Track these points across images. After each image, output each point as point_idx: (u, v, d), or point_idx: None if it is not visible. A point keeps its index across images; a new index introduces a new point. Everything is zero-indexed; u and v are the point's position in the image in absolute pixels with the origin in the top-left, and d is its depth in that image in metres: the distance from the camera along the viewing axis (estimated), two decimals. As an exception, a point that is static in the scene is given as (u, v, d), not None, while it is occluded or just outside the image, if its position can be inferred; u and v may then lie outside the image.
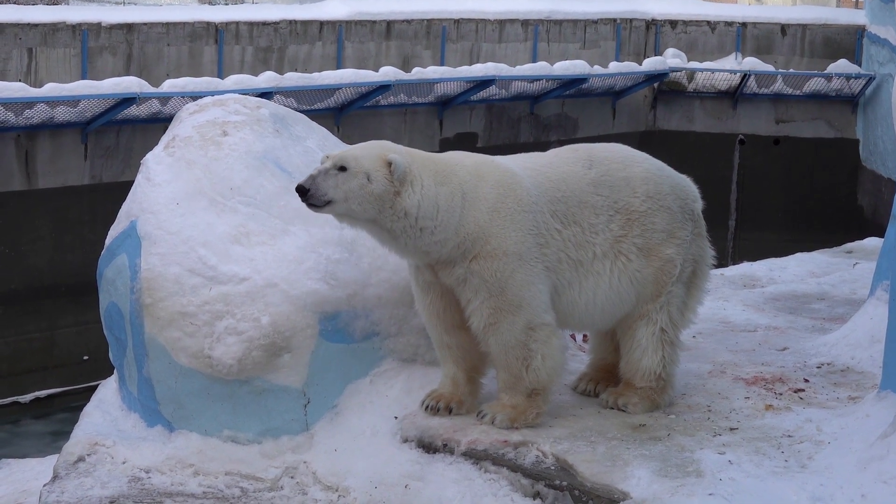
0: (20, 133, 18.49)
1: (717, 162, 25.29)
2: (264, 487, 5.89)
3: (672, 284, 6.01)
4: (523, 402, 5.79)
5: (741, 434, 5.72)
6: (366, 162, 5.57)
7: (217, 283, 6.07)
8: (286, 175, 6.44)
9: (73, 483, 5.84)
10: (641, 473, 5.29)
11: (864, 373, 6.63)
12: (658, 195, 6.00)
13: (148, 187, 6.38)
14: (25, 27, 19.61)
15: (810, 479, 5.19)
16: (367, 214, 5.58)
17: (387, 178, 5.55)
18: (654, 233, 5.97)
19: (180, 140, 6.53)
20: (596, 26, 27.00)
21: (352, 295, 6.18)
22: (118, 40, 20.69)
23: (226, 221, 6.23)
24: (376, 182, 5.54)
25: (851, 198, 25.77)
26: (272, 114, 6.76)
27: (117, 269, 6.30)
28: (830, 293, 8.71)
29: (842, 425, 5.69)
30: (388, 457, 5.84)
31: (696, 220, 6.18)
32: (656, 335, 5.99)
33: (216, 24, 21.86)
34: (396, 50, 24.27)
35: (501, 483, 5.53)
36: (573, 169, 5.93)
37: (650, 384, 5.99)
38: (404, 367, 6.28)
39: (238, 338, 6.00)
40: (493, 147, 23.86)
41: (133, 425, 6.24)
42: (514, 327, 5.68)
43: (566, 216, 5.82)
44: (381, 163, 5.57)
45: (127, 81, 18.63)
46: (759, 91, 25.82)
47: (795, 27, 27.24)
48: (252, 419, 6.07)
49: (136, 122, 19.34)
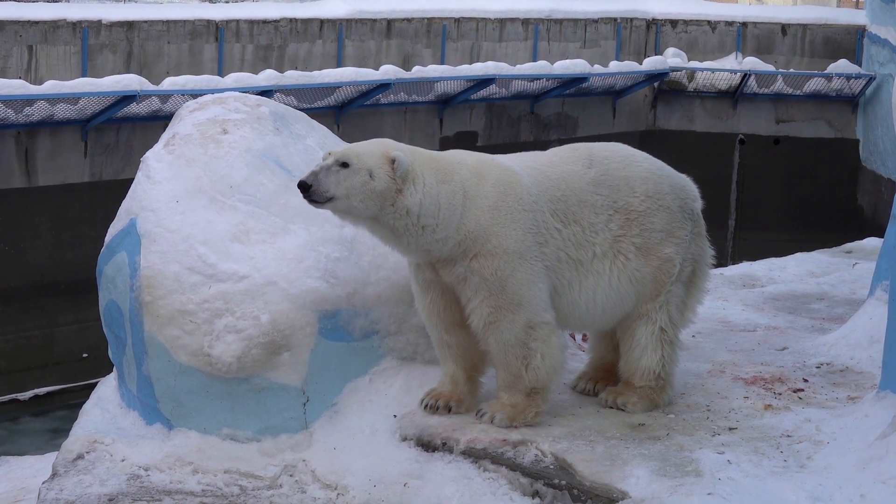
0: (20, 130, 18.48)
1: (717, 161, 25.29)
2: (263, 485, 5.89)
3: (671, 284, 6.01)
4: (522, 400, 5.79)
5: (740, 434, 5.72)
6: (368, 159, 5.57)
7: (217, 281, 6.06)
8: (286, 173, 6.44)
9: (72, 480, 5.84)
10: (640, 473, 5.29)
11: (863, 373, 6.63)
12: (657, 195, 6.00)
13: (148, 185, 6.38)
14: (26, 24, 19.60)
15: (809, 479, 5.19)
16: (369, 212, 5.57)
17: (389, 175, 5.54)
18: (653, 232, 5.97)
19: (180, 138, 6.53)
20: (596, 25, 27.00)
21: (351, 293, 6.18)
22: (118, 38, 20.69)
23: (225, 219, 6.23)
24: (378, 179, 5.53)
25: (851, 198, 25.77)
26: (272, 112, 6.76)
27: (117, 267, 6.30)
28: (830, 293, 8.71)
29: (841, 425, 5.69)
30: (387, 455, 5.84)
31: (696, 220, 6.18)
32: (655, 334, 5.99)
33: (216, 22, 21.85)
34: (397, 48, 24.26)
35: (500, 482, 5.53)
36: (573, 168, 5.93)
37: (649, 383, 5.99)
38: (404, 365, 6.29)
39: (237, 336, 6.00)
40: (493, 146, 23.86)
41: (132, 423, 6.23)
42: (513, 326, 5.67)
43: (566, 215, 5.82)
44: (383, 160, 5.57)
45: (127, 79, 18.62)
46: (759, 91, 25.82)
47: (796, 27, 27.24)
48: (251, 417, 6.07)
49: (136, 119, 19.34)
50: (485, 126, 24.23)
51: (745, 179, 25.99)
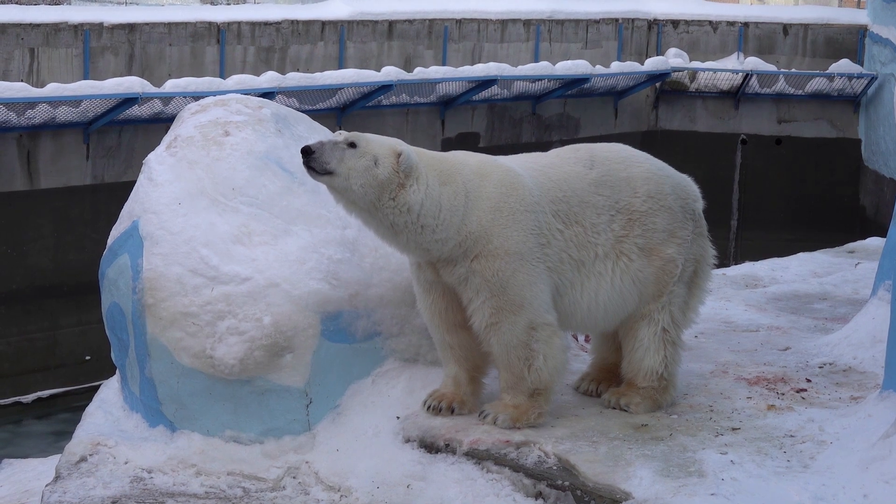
0: (22, 133, 18.51)
1: (718, 162, 25.30)
2: (266, 487, 5.89)
3: (673, 284, 6.01)
4: (525, 402, 5.79)
5: (743, 434, 5.72)
6: (377, 146, 5.60)
7: (219, 283, 6.06)
8: (288, 175, 6.44)
9: (76, 483, 5.84)
10: (643, 473, 5.29)
11: (866, 373, 6.62)
12: (659, 195, 6.01)
13: (150, 187, 6.38)
14: (27, 27, 19.62)
15: (812, 480, 5.18)
16: (367, 198, 5.57)
17: (393, 167, 5.57)
18: (655, 232, 5.97)
19: (182, 140, 6.53)
20: (598, 26, 27.00)
21: (354, 295, 6.18)
22: (120, 40, 20.70)
23: (228, 221, 6.23)
24: (382, 168, 5.55)
25: (853, 198, 25.76)
26: (274, 114, 6.76)
27: (119, 270, 6.30)
28: (832, 293, 8.71)
29: (844, 425, 5.68)
30: (390, 457, 5.84)
31: (697, 220, 6.18)
32: (658, 335, 5.99)
33: (218, 24, 21.87)
34: (398, 50, 24.27)
35: (503, 483, 5.53)
36: (574, 169, 5.94)
37: (652, 384, 5.99)
38: (406, 367, 6.28)
39: (240, 338, 6.00)
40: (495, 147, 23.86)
41: (135, 425, 6.24)
42: (515, 327, 5.67)
43: (568, 216, 5.83)
44: (390, 151, 5.60)
45: (129, 81, 18.65)
46: (760, 91, 25.83)
47: (797, 27, 27.23)
48: (254, 419, 6.07)
49: (138, 122, 19.36)
50: (487, 127, 24.24)
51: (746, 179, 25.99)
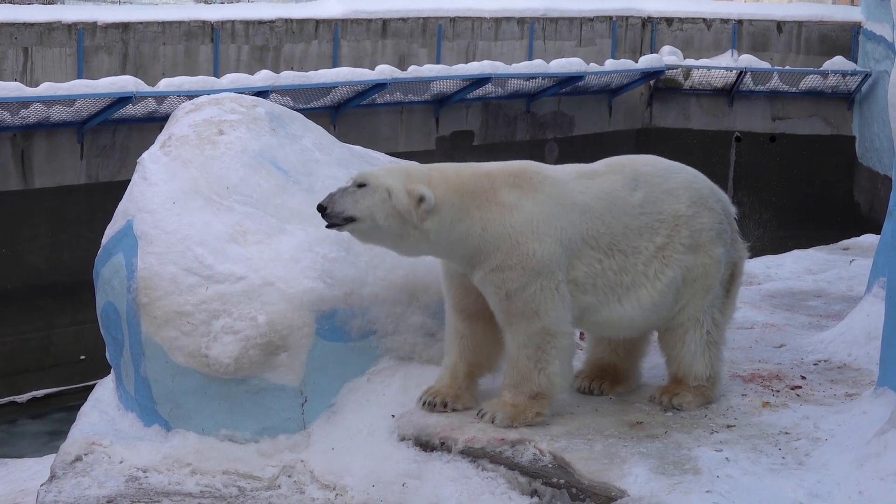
0: (16, 133, 18.48)
1: (713, 159, 25.31)
2: (262, 486, 5.89)
3: (717, 285, 6.05)
4: (525, 401, 5.78)
5: (738, 431, 5.72)
6: (385, 179, 5.61)
7: (214, 282, 6.06)
8: (282, 174, 6.43)
9: (71, 483, 5.84)
10: (639, 471, 5.29)
11: (860, 370, 6.63)
12: (701, 199, 6.06)
13: (144, 186, 6.37)
14: (21, 26, 19.59)
15: (807, 476, 5.19)
16: (392, 230, 5.60)
17: (408, 196, 5.58)
18: (702, 231, 5.99)
19: (176, 139, 6.53)
20: (592, 24, 27.01)
21: (348, 293, 6.18)
22: (114, 39, 20.68)
23: (222, 220, 6.23)
24: (397, 199, 5.57)
25: (848, 195, 25.79)
26: (268, 112, 6.76)
27: (114, 269, 6.30)
28: (827, 290, 8.72)
29: (839, 422, 5.69)
30: (386, 455, 5.84)
31: (733, 222, 6.24)
32: (703, 339, 6.05)
33: (212, 23, 21.85)
34: (392, 48, 24.27)
35: (499, 481, 5.53)
36: (620, 194, 5.90)
37: (702, 383, 6.05)
38: (401, 365, 6.28)
39: (235, 337, 5.99)
40: (489, 145, 23.88)
41: (130, 425, 6.23)
42: (528, 329, 5.69)
43: (610, 246, 5.84)
44: (402, 186, 5.59)
45: (123, 81, 18.63)
46: (755, 88, 25.85)
47: (791, 24, 27.26)
48: (249, 418, 6.07)
49: (132, 121, 19.34)
50: (481, 125, 24.23)
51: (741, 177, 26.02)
